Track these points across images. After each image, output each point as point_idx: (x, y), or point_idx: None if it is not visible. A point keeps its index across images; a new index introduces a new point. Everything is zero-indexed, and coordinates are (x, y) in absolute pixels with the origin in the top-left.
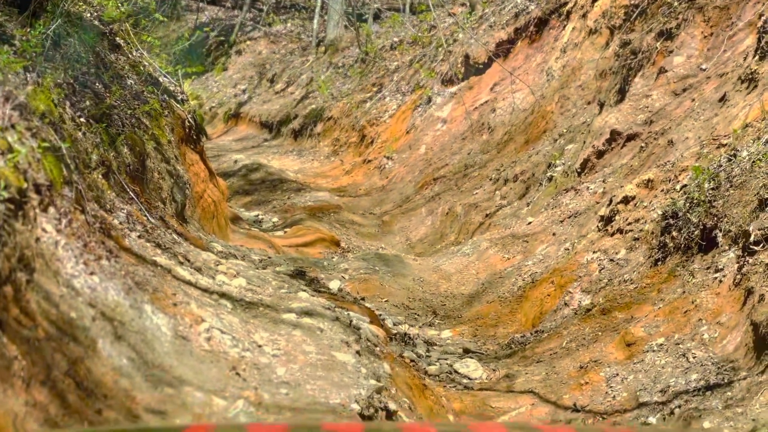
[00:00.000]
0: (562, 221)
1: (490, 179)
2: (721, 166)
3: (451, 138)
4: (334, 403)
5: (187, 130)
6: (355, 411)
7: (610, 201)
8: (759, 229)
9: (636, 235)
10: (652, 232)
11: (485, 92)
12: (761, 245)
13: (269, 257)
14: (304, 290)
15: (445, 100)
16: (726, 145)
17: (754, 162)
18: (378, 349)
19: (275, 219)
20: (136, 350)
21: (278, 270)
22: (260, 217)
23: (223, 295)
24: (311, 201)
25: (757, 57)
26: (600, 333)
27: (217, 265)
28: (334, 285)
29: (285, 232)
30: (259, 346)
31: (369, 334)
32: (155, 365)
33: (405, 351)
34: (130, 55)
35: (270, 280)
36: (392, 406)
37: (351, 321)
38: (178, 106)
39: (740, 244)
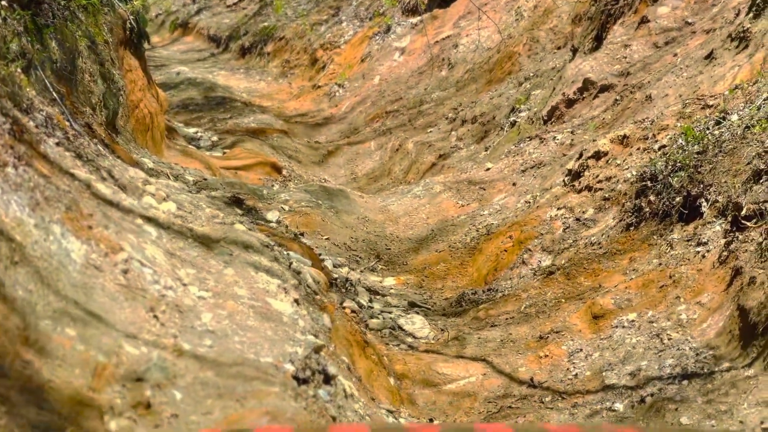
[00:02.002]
0: (523, 171)
1: (447, 118)
2: (708, 128)
3: (408, 71)
4: (266, 362)
5: (128, 33)
6: (289, 372)
7: (580, 155)
8: (752, 203)
9: (606, 195)
10: (626, 193)
11: (449, 26)
12: (754, 221)
13: (205, 179)
14: (241, 222)
15: (405, 30)
16: (712, 106)
17: (747, 128)
18: (319, 297)
19: (215, 138)
20: (36, 279)
21: (213, 195)
22: (199, 134)
23: (148, 220)
24: (254, 123)
25: (751, 15)
26: (563, 300)
27: (145, 184)
28: (272, 216)
29: (224, 152)
30: (184, 285)
31: (310, 280)
32: (58, 300)
33: (346, 300)
34: None
35: (204, 207)
36: (332, 369)
37: (291, 263)
38: (120, 4)
39: (729, 218)
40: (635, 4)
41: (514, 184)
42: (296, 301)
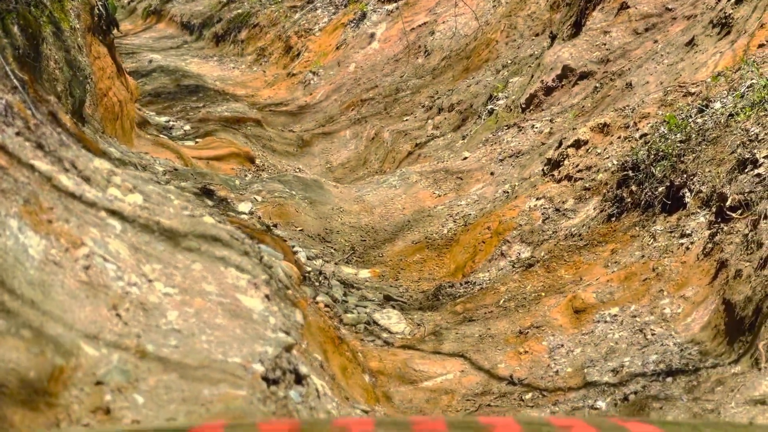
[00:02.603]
0: (501, 160)
1: (423, 106)
2: (690, 116)
3: (384, 58)
4: (233, 362)
5: (96, 19)
6: (259, 373)
7: (560, 143)
8: (738, 194)
9: (587, 185)
10: (607, 183)
11: (425, 13)
12: (740, 212)
13: (175, 169)
14: (211, 214)
15: (380, 17)
16: (694, 93)
17: (730, 116)
18: (291, 292)
19: (187, 127)
20: None
21: (183, 186)
22: (171, 123)
23: (112, 213)
24: (228, 111)
25: (732, 0)
26: (543, 294)
27: (111, 175)
28: (244, 207)
29: (196, 142)
30: (149, 281)
31: (282, 275)
32: (13, 299)
33: (319, 294)
34: None
35: (172, 199)
36: (303, 369)
37: (262, 257)
38: None
39: (713, 209)
40: None
41: (491, 174)
42: (267, 296)
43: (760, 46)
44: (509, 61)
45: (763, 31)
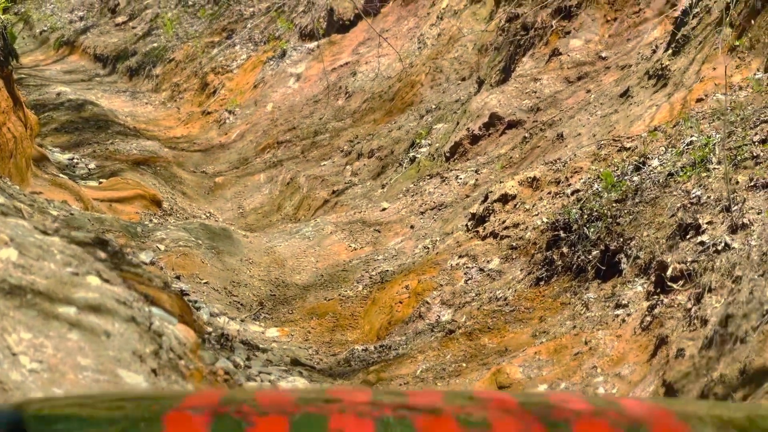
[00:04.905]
0: (423, 212)
1: (342, 151)
2: (626, 174)
3: (303, 99)
4: None
5: None
6: None
7: (486, 197)
8: (679, 263)
9: (514, 243)
10: (535, 243)
11: (347, 53)
12: (681, 283)
13: (71, 214)
14: (99, 272)
15: (301, 56)
16: (630, 148)
17: (670, 175)
18: (183, 363)
19: (92, 165)
20: None
21: (74, 235)
22: (75, 161)
23: None
24: (137, 150)
25: (669, 51)
26: (465, 364)
27: None
28: (145, 257)
29: (100, 182)
30: (14, 355)
31: (174, 342)
32: None
33: (219, 359)
34: None
35: (54, 253)
36: None
37: (152, 323)
38: None
39: (652, 277)
40: (546, 35)
41: (411, 227)
42: (154, 371)
43: (699, 100)
44: (434, 106)
45: (701, 85)
